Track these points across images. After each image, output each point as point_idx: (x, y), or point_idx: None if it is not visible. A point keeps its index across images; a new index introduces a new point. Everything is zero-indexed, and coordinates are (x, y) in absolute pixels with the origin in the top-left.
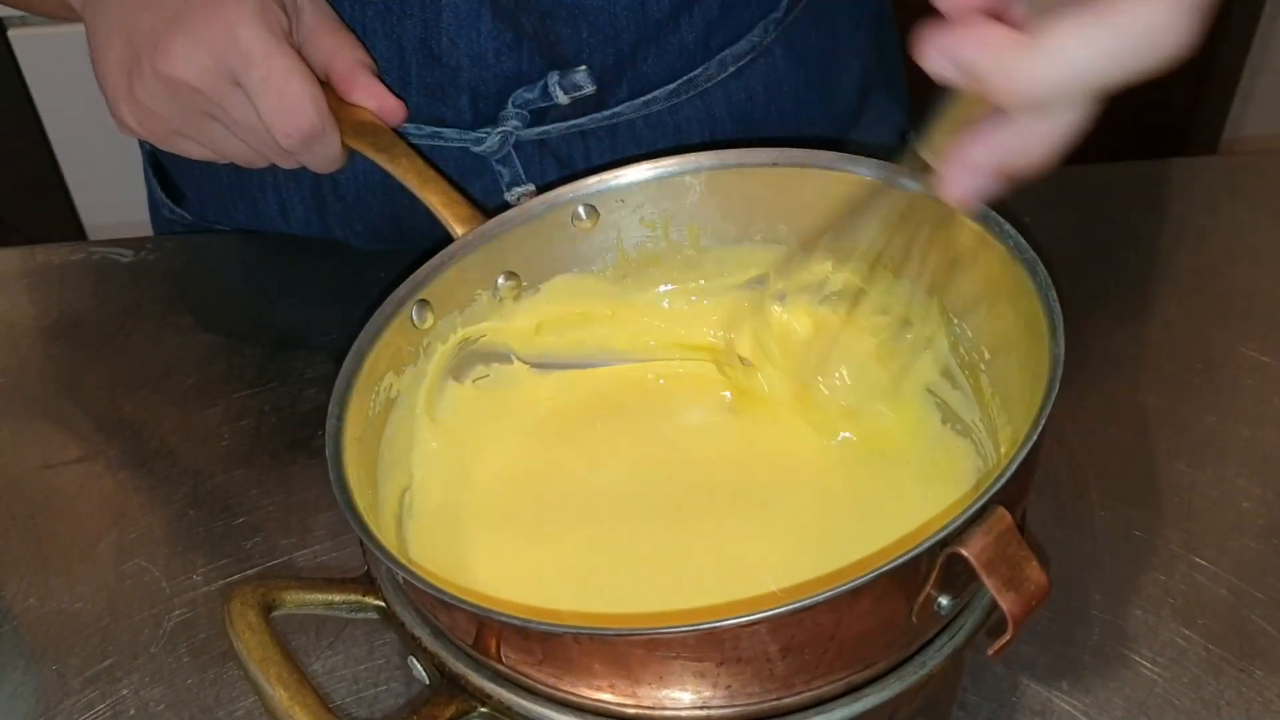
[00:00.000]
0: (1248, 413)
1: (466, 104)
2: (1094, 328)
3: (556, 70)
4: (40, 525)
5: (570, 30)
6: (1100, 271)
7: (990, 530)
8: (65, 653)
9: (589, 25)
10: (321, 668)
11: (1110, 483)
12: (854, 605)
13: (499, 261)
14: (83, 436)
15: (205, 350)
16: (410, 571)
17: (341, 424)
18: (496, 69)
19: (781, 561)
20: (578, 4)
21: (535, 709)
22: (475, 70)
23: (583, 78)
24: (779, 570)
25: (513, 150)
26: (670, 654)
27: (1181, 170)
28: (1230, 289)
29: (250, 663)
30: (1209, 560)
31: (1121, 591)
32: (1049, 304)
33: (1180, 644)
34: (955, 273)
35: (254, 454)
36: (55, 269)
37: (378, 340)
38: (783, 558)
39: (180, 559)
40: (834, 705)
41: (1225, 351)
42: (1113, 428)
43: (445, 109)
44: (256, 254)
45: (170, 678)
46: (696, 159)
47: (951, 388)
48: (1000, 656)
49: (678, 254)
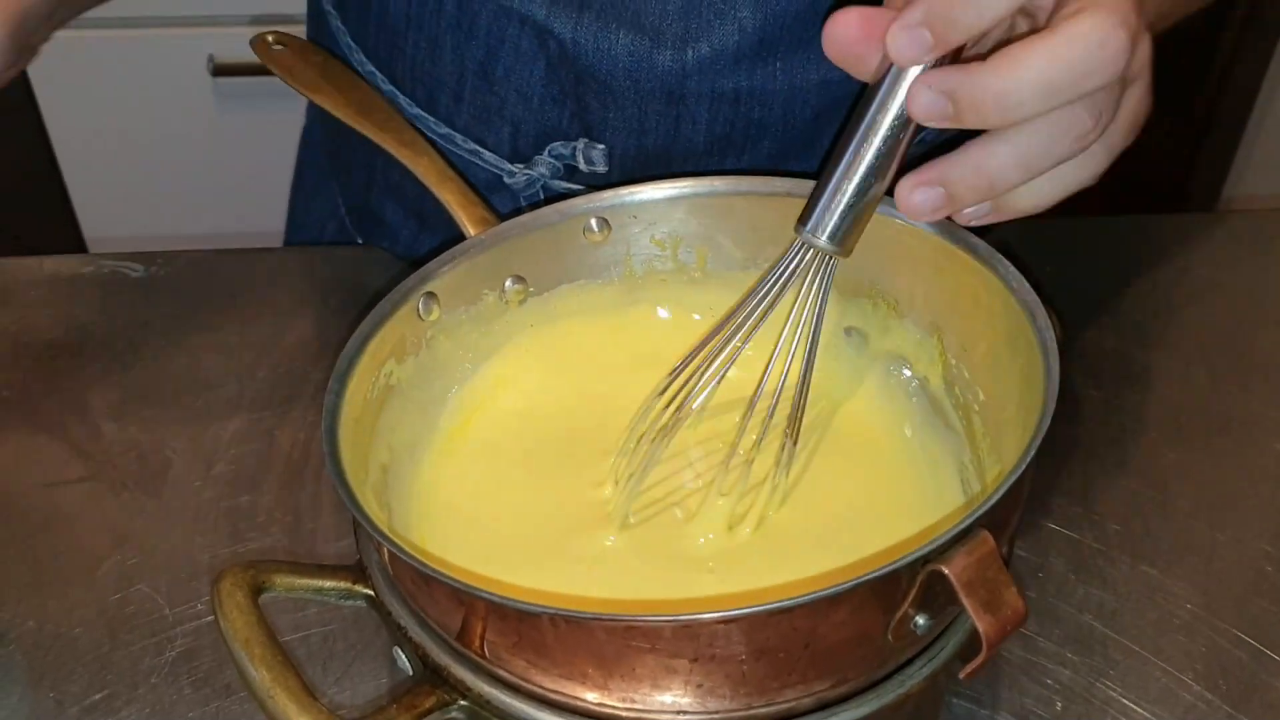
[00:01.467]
0: (1269, 474)
1: (508, 136)
2: (1115, 385)
3: (587, 138)
4: (40, 546)
5: (598, 104)
6: (1120, 327)
7: (973, 552)
8: (63, 679)
9: (616, 108)
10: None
11: (1131, 541)
12: (831, 613)
13: (509, 264)
14: (87, 455)
15: (215, 370)
16: (395, 544)
17: (340, 400)
18: (539, 114)
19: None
20: (607, 87)
21: (512, 703)
22: (521, 108)
23: (599, 156)
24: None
25: (540, 191)
26: (644, 645)
27: (1196, 225)
28: (1251, 348)
29: (234, 642)
30: (1230, 623)
31: (1142, 652)
32: (1045, 346)
33: (1203, 708)
34: (957, 312)
35: (262, 479)
36: (63, 281)
37: (382, 326)
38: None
39: (184, 586)
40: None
41: (1246, 411)
42: (1134, 485)
43: (489, 134)
44: (269, 272)
45: (170, 710)
46: (712, 183)
47: (945, 426)
48: (971, 679)
49: (684, 275)
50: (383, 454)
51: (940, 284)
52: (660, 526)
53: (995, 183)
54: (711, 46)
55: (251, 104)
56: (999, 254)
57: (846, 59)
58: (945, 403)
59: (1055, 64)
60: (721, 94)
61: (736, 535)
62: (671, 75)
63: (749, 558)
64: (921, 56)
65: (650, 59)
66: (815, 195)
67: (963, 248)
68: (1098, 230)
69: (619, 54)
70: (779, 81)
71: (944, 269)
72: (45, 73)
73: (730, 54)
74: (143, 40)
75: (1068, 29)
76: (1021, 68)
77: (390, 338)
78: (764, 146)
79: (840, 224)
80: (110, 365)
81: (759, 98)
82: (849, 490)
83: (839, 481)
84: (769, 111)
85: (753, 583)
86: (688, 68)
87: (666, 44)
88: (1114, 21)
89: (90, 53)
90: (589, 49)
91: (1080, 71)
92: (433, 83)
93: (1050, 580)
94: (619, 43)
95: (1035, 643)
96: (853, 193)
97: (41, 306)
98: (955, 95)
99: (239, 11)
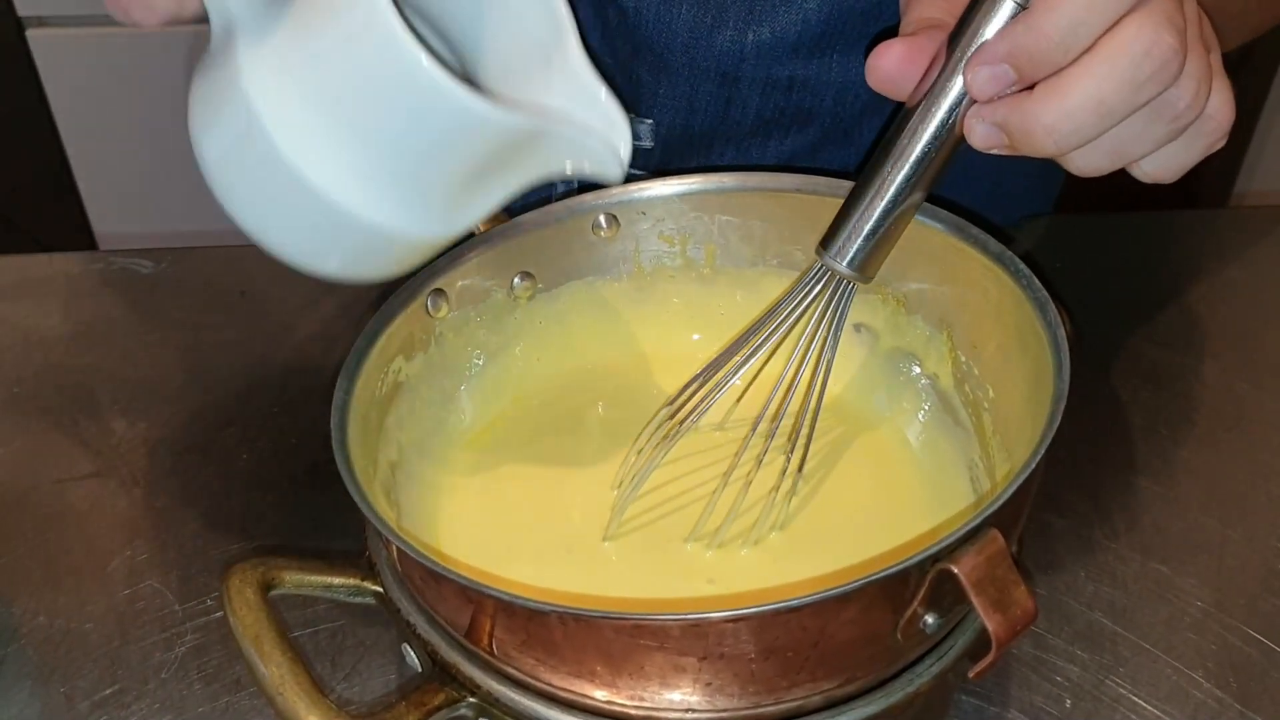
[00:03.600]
0: (1279, 471)
1: None
2: (1125, 381)
3: (634, 113)
4: (51, 541)
5: (650, 79)
6: (1130, 324)
7: (982, 551)
8: (73, 675)
9: (668, 83)
10: (314, 649)
11: (1141, 538)
12: (840, 612)
13: (517, 261)
14: (97, 452)
15: (225, 367)
16: (404, 541)
17: (349, 397)
18: None
19: (774, 560)
20: (663, 60)
21: (521, 701)
22: None
23: (645, 130)
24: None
25: None
26: (653, 643)
27: (1206, 221)
28: (1262, 344)
29: (244, 639)
30: (1241, 621)
31: (1153, 649)
32: (1056, 341)
33: (1213, 706)
34: (966, 309)
35: (272, 476)
36: (74, 278)
37: (391, 323)
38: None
39: (194, 582)
40: (815, 718)
41: (1258, 408)
42: (1144, 482)
43: None
44: (279, 269)
45: (180, 705)
46: (721, 179)
47: (954, 424)
48: (981, 678)
49: (692, 271)
50: (391, 451)
51: (950, 280)
52: (663, 530)
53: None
54: (773, 32)
55: None
56: (1009, 251)
57: (889, 88)
58: (955, 400)
59: (1104, 84)
60: (775, 80)
61: (736, 548)
62: (728, 56)
63: (757, 554)
64: (1004, 91)
65: (710, 37)
66: (840, 218)
67: (973, 245)
68: (1108, 227)
69: (679, 28)
70: (834, 74)
71: (954, 265)
72: (55, 69)
73: (790, 41)
74: (152, 37)
75: (1109, 43)
76: (1069, 96)
77: (399, 335)
78: (809, 133)
79: (863, 250)
80: (120, 362)
81: (811, 87)
82: (857, 488)
83: (847, 479)
84: (819, 101)
85: (761, 581)
86: (746, 50)
87: (728, 23)
88: (1156, 22)
89: (100, 49)
90: (650, 19)
91: (1132, 86)
92: None
93: (1060, 577)
94: (680, 17)
95: (1045, 640)
96: (878, 219)
97: (51, 303)
98: (1007, 128)
99: None
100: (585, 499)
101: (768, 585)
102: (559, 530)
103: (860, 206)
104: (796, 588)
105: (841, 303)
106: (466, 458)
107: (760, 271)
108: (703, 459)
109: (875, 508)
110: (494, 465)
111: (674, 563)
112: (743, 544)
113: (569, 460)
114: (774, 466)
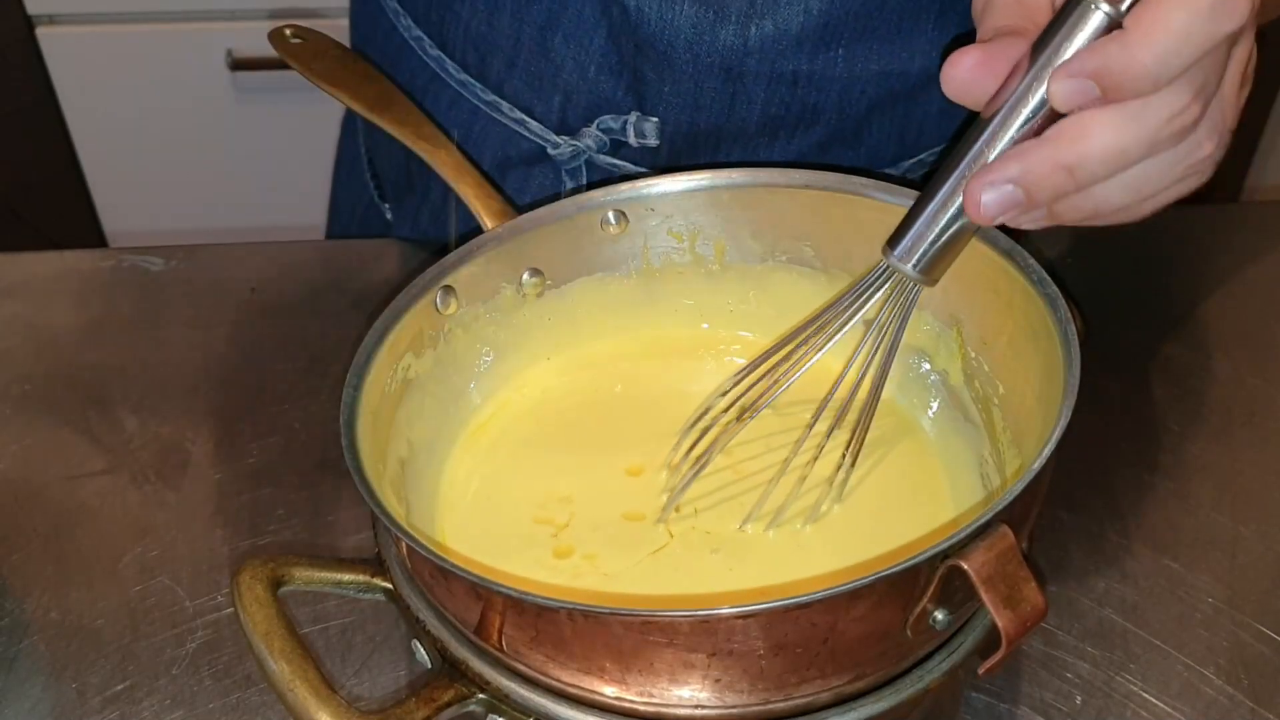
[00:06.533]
0: None
1: (557, 105)
2: (1136, 377)
3: (639, 111)
4: (63, 538)
5: (655, 76)
6: (1142, 319)
7: (992, 547)
8: (85, 670)
9: (673, 81)
10: (324, 646)
11: (1153, 534)
12: (850, 608)
13: (526, 257)
14: (108, 448)
15: (235, 363)
16: (413, 538)
17: (358, 394)
18: (594, 84)
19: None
20: (667, 58)
21: (531, 697)
22: (575, 76)
23: (651, 129)
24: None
25: (584, 166)
26: (662, 640)
27: (1218, 217)
28: (1274, 339)
29: (254, 635)
30: (1253, 617)
31: (1164, 646)
32: (1067, 338)
33: (1224, 703)
34: (977, 305)
35: (282, 472)
36: (84, 275)
37: (400, 320)
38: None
39: (205, 578)
40: (825, 714)
41: (1269, 403)
42: (1155, 478)
43: (537, 102)
44: (288, 265)
45: (192, 701)
46: (730, 175)
47: (964, 420)
48: (992, 674)
49: (701, 267)
50: (401, 448)
51: (960, 276)
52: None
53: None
54: (775, 26)
55: (270, 98)
56: (1019, 246)
57: (964, 96)
58: (965, 396)
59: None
60: (780, 75)
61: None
62: (732, 52)
63: (767, 553)
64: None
65: (713, 33)
66: (909, 219)
67: (983, 240)
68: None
69: (681, 25)
70: (839, 68)
71: (964, 261)
72: (65, 67)
73: (793, 35)
74: (162, 34)
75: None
76: (1087, 143)
77: (408, 331)
78: (815, 132)
79: (929, 252)
80: (131, 359)
81: (817, 82)
82: (868, 485)
83: (858, 476)
84: (825, 97)
85: (771, 578)
86: (749, 45)
87: (730, 19)
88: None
89: (109, 47)
90: (652, 18)
91: (1150, 141)
92: (486, 47)
93: (1071, 574)
94: (682, 14)
95: (1055, 636)
96: (947, 222)
97: (62, 300)
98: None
99: (257, 5)
100: (596, 494)
101: (782, 580)
102: (570, 525)
103: (930, 209)
104: (806, 584)
105: (906, 305)
106: (476, 454)
107: (769, 267)
108: (746, 450)
109: (886, 503)
110: (504, 461)
111: (693, 555)
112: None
113: (579, 455)
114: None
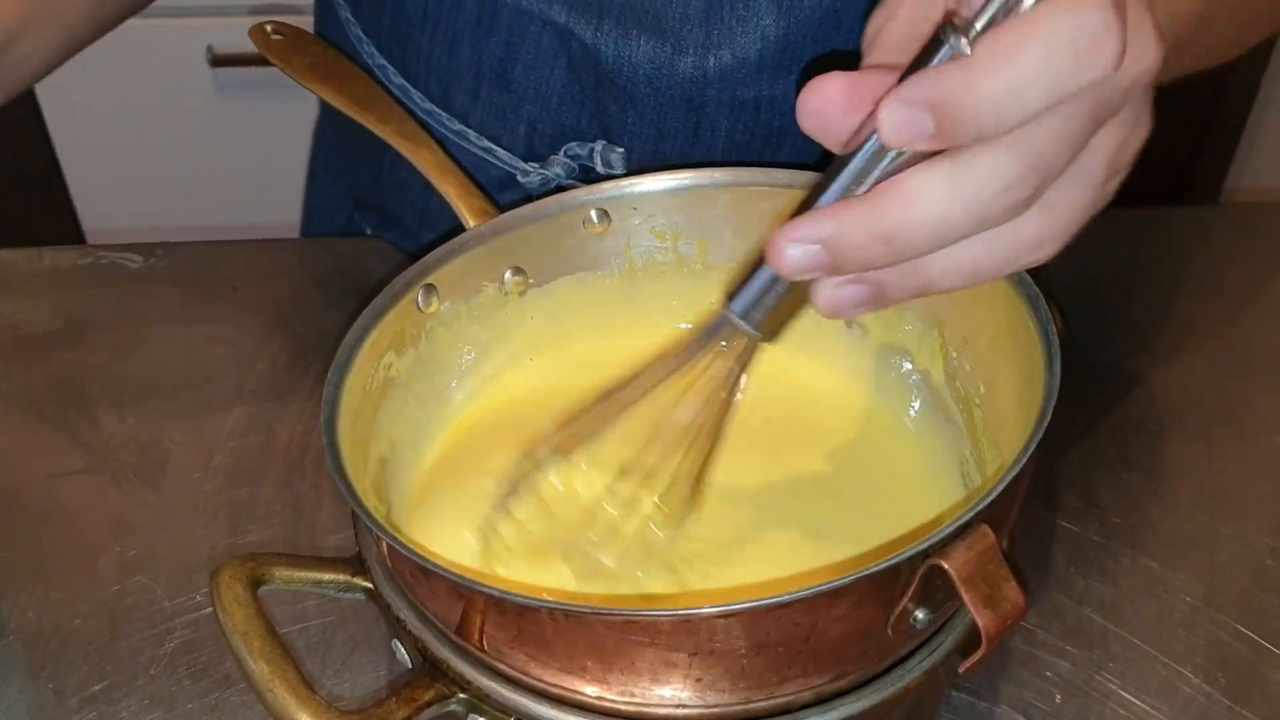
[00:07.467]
0: (1270, 467)
1: (523, 135)
2: (1116, 378)
3: (605, 140)
4: (41, 537)
5: (617, 108)
6: (1122, 320)
7: (972, 546)
8: (63, 670)
9: (635, 113)
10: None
11: (1132, 534)
12: (831, 607)
13: (508, 256)
14: (87, 447)
15: (215, 361)
16: (394, 537)
17: (339, 393)
18: (557, 114)
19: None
20: (628, 92)
21: (512, 697)
22: (538, 107)
23: (618, 159)
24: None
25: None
26: (644, 639)
27: (1198, 218)
28: (1253, 341)
29: (233, 635)
30: (1231, 616)
31: (1143, 645)
32: (1047, 337)
33: (1202, 701)
34: (958, 305)
35: (262, 471)
36: (62, 273)
37: (381, 318)
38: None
39: (184, 578)
40: (806, 714)
41: (1248, 404)
42: (1135, 478)
43: (504, 132)
44: (269, 263)
45: (170, 701)
46: (713, 174)
47: (945, 419)
48: (971, 673)
49: (684, 267)
50: (382, 446)
51: None
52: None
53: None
54: (734, 55)
55: (251, 95)
56: None
57: (821, 131)
58: (946, 396)
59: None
60: (742, 102)
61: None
62: (692, 83)
63: (746, 550)
64: (915, 143)
65: (671, 66)
66: (748, 274)
67: None
68: (1099, 223)
69: (640, 60)
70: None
71: None
72: None
73: (752, 63)
74: (141, 30)
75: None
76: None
77: (389, 330)
78: (781, 155)
79: (766, 309)
80: (110, 357)
81: (779, 107)
82: (848, 484)
83: (838, 475)
84: (788, 120)
85: (751, 577)
86: (709, 76)
87: (688, 51)
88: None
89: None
90: (609, 55)
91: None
92: (448, 78)
93: (1051, 573)
94: (640, 49)
95: (1035, 635)
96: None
97: (40, 298)
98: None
99: (238, 1)
100: (575, 493)
101: (762, 579)
102: (549, 525)
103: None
104: (787, 583)
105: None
106: (457, 453)
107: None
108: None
109: (866, 503)
110: (485, 460)
111: (666, 559)
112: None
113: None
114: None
